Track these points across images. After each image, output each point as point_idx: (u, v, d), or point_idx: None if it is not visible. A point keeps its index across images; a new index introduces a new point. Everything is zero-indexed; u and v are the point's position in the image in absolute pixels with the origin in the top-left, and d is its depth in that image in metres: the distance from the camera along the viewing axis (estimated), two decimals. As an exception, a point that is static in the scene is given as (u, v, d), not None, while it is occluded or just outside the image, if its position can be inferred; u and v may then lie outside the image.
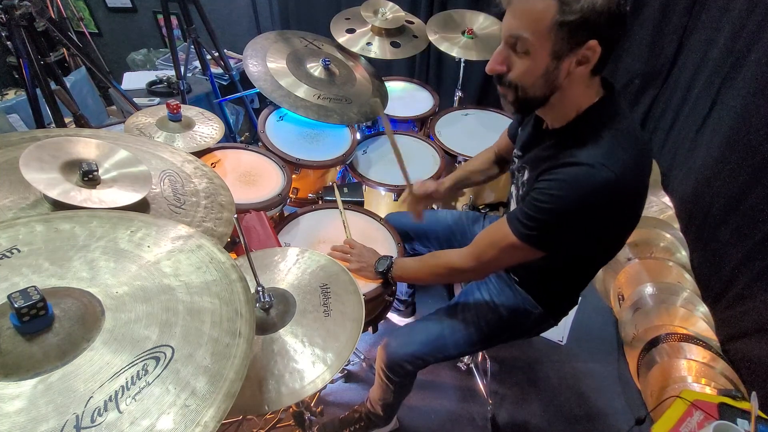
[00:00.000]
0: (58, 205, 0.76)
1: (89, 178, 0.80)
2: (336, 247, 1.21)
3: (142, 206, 0.84)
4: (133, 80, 2.63)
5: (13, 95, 2.68)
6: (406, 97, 2.13)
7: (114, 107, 2.82)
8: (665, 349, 1.57)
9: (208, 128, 1.39)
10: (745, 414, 1.13)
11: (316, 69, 1.71)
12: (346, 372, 1.69)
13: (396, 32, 1.95)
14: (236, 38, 2.98)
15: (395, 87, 2.17)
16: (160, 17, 3.18)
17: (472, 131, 1.91)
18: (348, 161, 1.65)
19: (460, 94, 2.14)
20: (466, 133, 1.88)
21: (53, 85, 1.70)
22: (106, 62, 3.24)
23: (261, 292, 0.84)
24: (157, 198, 0.89)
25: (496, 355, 1.79)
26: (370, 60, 1.95)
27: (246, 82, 1.77)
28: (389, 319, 1.81)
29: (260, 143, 1.56)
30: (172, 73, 2.50)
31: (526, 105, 0.84)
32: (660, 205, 2.08)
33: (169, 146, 1.08)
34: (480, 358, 1.72)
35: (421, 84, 2.24)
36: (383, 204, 1.69)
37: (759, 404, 1.10)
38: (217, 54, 2.26)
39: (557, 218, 0.81)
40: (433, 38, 1.89)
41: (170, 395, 0.49)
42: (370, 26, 1.93)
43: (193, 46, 2.20)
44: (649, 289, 1.79)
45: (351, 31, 1.92)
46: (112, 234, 0.67)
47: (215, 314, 0.59)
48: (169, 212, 0.87)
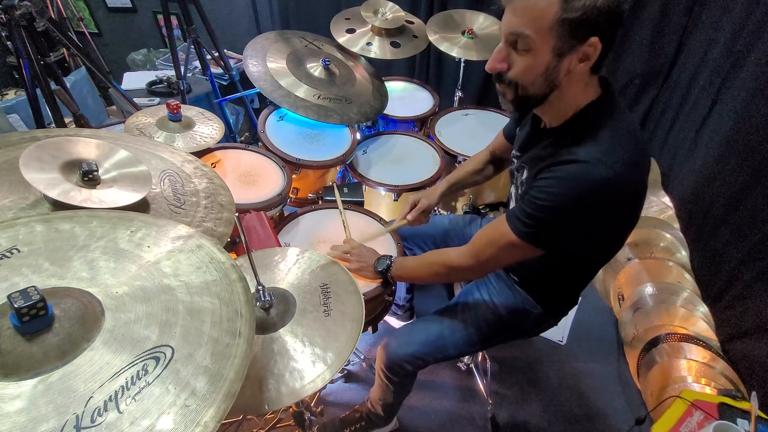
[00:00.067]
0: (58, 205, 0.76)
1: (89, 178, 0.80)
2: (336, 246, 1.21)
3: (142, 206, 0.84)
4: (133, 80, 2.63)
5: (13, 95, 2.68)
6: (406, 97, 2.13)
7: (114, 107, 2.82)
8: (665, 349, 1.57)
9: (208, 128, 1.39)
10: (745, 414, 1.13)
11: (316, 69, 1.71)
12: (346, 372, 1.69)
13: (396, 32, 1.95)
14: (236, 38, 2.98)
15: (395, 87, 2.17)
16: (160, 17, 3.18)
17: (472, 131, 1.90)
18: (348, 161, 1.65)
19: (460, 94, 2.14)
20: (466, 133, 1.88)
21: (53, 85, 1.70)
22: (106, 62, 3.24)
23: (261, 291, 0.84)
24: (157, 198, 0.89)
25: (496, 355, 1.79)
26: (370, 60, 1.95)
27: (246, 82, 1.77)
28: (388, 323, 1.81)
29: (260, 143, 1.56)
30: (172, 73, 2.50)
31: (526, 103, 0.84)
32: (660, 205, 2.08)
33: (169, 146, 1.08)
34: (480, 358, 1.72)
35: (421, 84, 2.24)
36: (383, 204, 1.69)
37: (759, 404, 1.11)
38: (217, 54, 2.26)
39: (556, 216, 0.81)
40: (433, 38, 1.89)
41: (170, 395, 0.49)
42: (370, 26, 1.93)
43: (193, 46, 2.20)
44: (649, 289, 1.79)
45: (351, 31, 1.92)
46: (112, 234, 0.67)
47: (215, 314, 0.59)
48: (169, 212, 0.87)
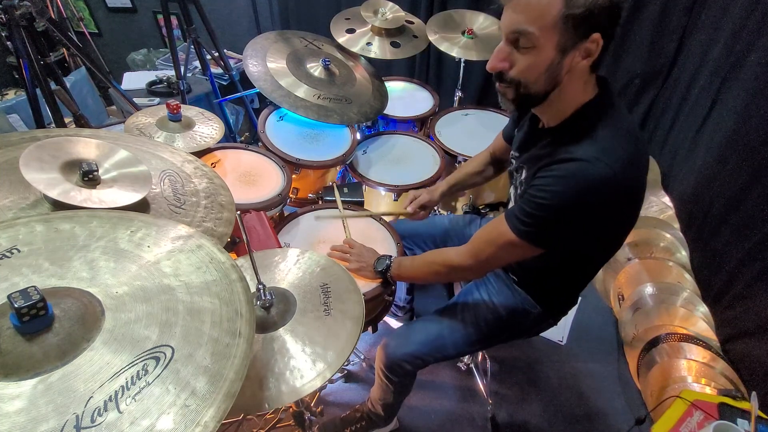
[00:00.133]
0: (58, 205, 0.76)
1: (89, 178, 0.80)
2: (335, 246, 1.21)
3: (142, 206, 0.84)
4: (133, 80, 2.63)
5: (13, 95, 2.68)
6: (406, 97, 2.13)
7: (114, 107, 2.82)
8: (665, 349, 1.57)
9: (208, 128, 1.39)
10: (745, 414, 1.13)
11: (316, 69, 1.71)
12: (346, 372, 1.69)
13: (396, 32, 1.95)
14: (236, 38, 2.98)
15: (395, 87, 2.17)
16: (160, 17, 3.18)
17: (472, 131, 1.90)
18: (348, 161, 1.65)
19: (460, 94, 2.14)
20: (466, 133, 1.88)
21: (53, 85, 1.70)
22: (106, 62, 3.24)
23: (262, 290, 0.84)
24: (157, 198, 0.89)
25: (496, 355, 1.79)
26: (370, 60, 1.95)
27: (246, 82, 1.77)
28: (388, 323, 1.81)
29: (260, 143, 1.56)
30: (172, 73, 2.50)
31: (527, 102, 0.84)
32: (660, 205, 2.08)
33: (169, 146, 1.08)
34: (480, 358, 1.72)
35: (421, 84, 2.24)
36: (383, 204, 1.69)
37: (759, 404, 1.10)
38: (217, 54, 2.26)
39: (554, 214, 0.81)
40: (433, 38, 1.89)
41: (170, 395, 0.49)
42: (370, 26, 1.93)
43: (193, 46, 2.20)
44: (649, 289, 1.79)
45: (351, 31, 1.92)
46: (112, 234, 0.67)
47: (215, 314, 0.59)
48: (169, 212, 0.87)
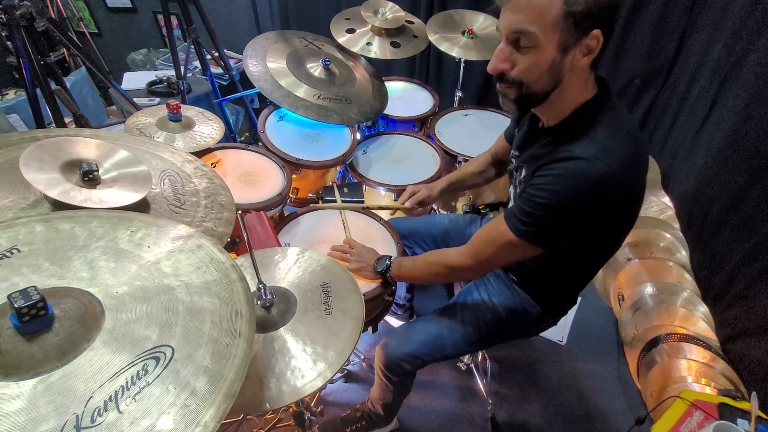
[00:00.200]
0: (58, 205, 0.76)
1: (89, 178, 0.80)
2: (335, 247, 1.21)
3: (142, 206, 0.84)
4: (133, 80, 2.63)
5: (13, 95, 2.68)
6: (406, 97, 2.13)
7: (114, 107, 2.82)
8: (665, 349, 1.57)
9: (208, 128, 1.39)
10: (745, 414, 1.13)
11: (316, 69, 1.71)
12: (346, 372, 1.69)
13: (396, 32, 1.95)
14: (236, 38, 2.98)
15: (395, 87, 2.17)
16: (160, 17, 3.18)
17: (472, 131, 1.90)
18: (348, 161, 1.65)
19: (460, 94, 2.14)
20: (466, 134, 1.88)
21: (53, 85, 1.70)
22: (106, 62, 3.24)
23: (262, 290, 0.84)
24: (157, 198, 0.89)
25: (496, 355, 1.79)
26: (370, 60, 1.95)
27: (246, 82, 1.77)
28: (388, 323, 1.81)
29: (260, 143, 1.56)
30: (172, 73, 2.50)
31: (529, 101, 0.84)
32: (660, 205, 2.08)
33: (169, 146, 1.08)
34: (480, 358, 1.72)
35: (421, 84, 2.24)
36: (383, 204, 1.68)
37: (759, 404, 1.10)
38: (217, 54, 2.26)
39: (554, 213, 0.81)
40: (433, 38, 1.89)
41: (170, 395, 0.49)
42: (370, 26, 1.92)
43: (193, 46, 2.20)
44: (649, 289, 1.79)
45: (351, 31, 1.92)
46: (112, 234, 0.67)
47: (215, 314, 0.59)
48: (169, 212, 0.87)
